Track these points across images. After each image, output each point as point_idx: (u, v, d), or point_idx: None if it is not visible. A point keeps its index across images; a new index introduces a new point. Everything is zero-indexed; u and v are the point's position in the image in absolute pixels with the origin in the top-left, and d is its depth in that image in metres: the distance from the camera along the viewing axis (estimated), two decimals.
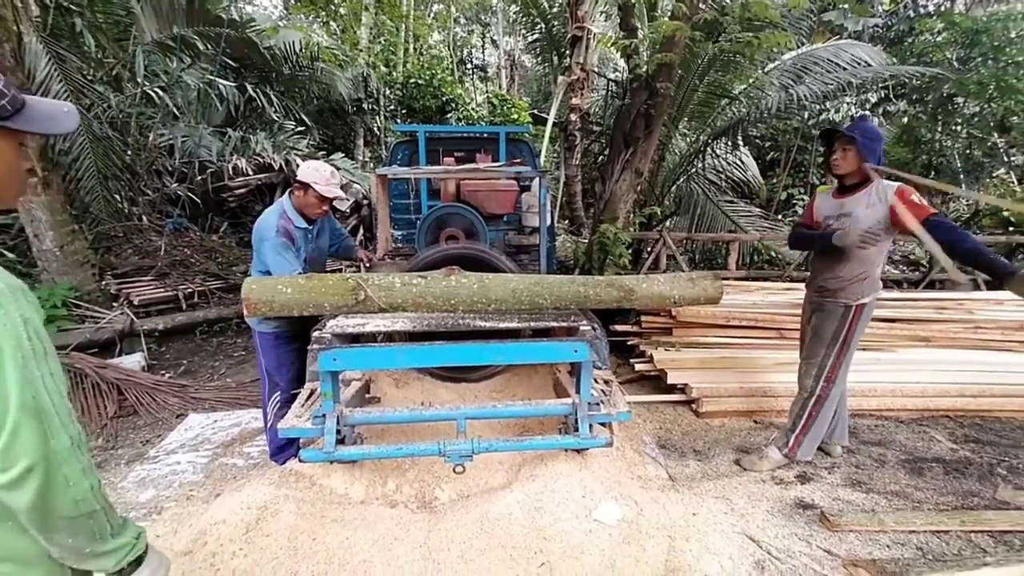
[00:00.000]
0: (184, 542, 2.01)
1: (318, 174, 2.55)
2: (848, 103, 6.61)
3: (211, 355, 4.79)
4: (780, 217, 7.49)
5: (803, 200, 6.55)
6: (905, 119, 7.82)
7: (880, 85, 7.01)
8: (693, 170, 6.67)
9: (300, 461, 2.25)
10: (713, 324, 3.92)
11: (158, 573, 1.02)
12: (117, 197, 5.88)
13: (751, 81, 5.76)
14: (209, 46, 6.60)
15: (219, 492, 2.52)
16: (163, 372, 4.32)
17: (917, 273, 6.08)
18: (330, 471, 2.42)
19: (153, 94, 6.00)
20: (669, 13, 4.65)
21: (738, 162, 6.81)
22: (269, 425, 2.77)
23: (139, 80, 5.86)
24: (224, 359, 4.71)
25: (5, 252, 4.90)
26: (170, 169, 6.66)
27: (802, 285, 3.17)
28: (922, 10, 8.30)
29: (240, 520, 2.03)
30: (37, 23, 4.97)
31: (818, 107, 5.95)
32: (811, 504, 2.50)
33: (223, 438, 3.21)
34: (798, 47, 5.60)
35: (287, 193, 2.68)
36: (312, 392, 2.51)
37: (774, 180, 8.29)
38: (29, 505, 0.81)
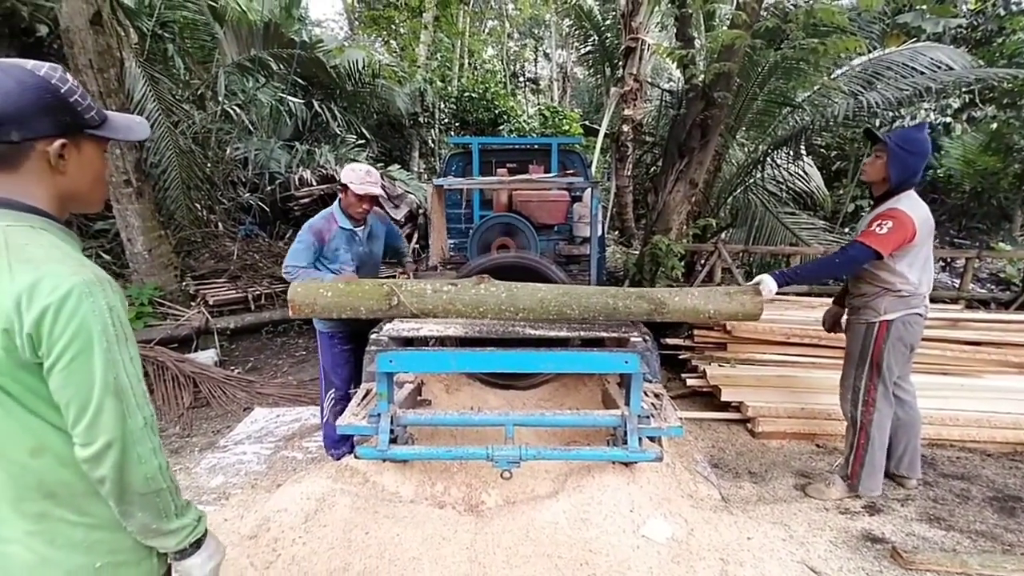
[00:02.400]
0: (249, 527, 2.15)
1: (354, 174, 2.64)
2: (926, 109, 6.16)
3: (275, 354, 5.09)
4: (847, 230, 7.06)
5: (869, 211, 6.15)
6: (994, 125, 7.20)
7: (964, 89, 6.49)
8: (751, 181, 6.43)
9: (356, 457, 2.35)
10: (772, 341, 3.75)
11: (214, 558, 1.04)
12: (197, 206, 6.41)
13: (816, 88, 5.51)
14: (282, 66, 7.10)
15: (280, 482, 2.67)
16: (233, 368, 4.63)
17: (1008, 292, 5.55)
18: (383, 469, 2.50)
19: (231, 111, 6.53)
20: (728, 22, 4.55)
21: (801, 172, 6.49)
22: (325, 421, 2.90)
23: (220, 99, 6.39)
24: (287, 358, 4.99)
25: (103, 254, 5.45)
26: (243, 180, 7.19)
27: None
28: (1014, 7, 7.65)
29: (300, 510, 2.15)
30: (136, 49, 5.54)
31: (891, 114, 5.59)
32: (881, 538, 2.33)
33: (284, 432, 3.40)
34: (869, 52, 5.30)
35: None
36: (368, 392, 2.62)
37: (840, 191, 7.84)
38: (107, 479, 0.87)
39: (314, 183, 7.41)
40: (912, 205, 2.29)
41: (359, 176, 2.64)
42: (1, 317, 0.80)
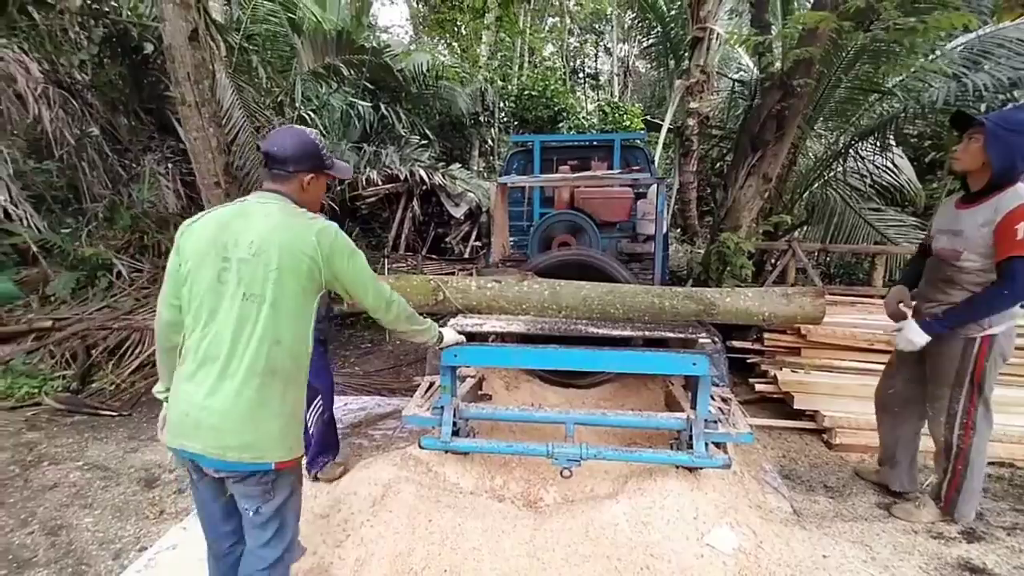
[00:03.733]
0: (323, 506, 2.29)
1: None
2: None
3: (343, 345, 5.37)
4: None
5: None
6: None
7: None
8: (831, 174, 5.97)
9: (420, 447, 2.43)
10: (852, 347, 3.48)
11: (451, 335, 2.12)
12: None
13: (911, 71, 5.01)
14: (352, 72, 7.45)
15: (349, 468, 2.81)
16: None
17: None
18: (444, 460, 2.58)
19: (306, 116, 6.93)
20: (810, 3, 4.25)
21: (889, 165, 5.94)
22: (309, 432, 2.56)
23: (296, 105, 6.81)
24: (353, 349, 5.25)
25: None
26: None
27: None
28: None
29: (368, 494, 2.26)
30: (225, 62, 6.01)
31: (1002, 97, 4.97)
32: (981, 568, 2.10)
33: (352, 420, 3.58)
34: (979, 27, 4.73)
35: None
36: (431, 385, 2.71)
37: (935, 184, 7.10)
38: (398, 315, 1.71)
39: (380, 183, 7.73)
40: None
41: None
42: (308, 246, 1.39)
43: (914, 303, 2.38)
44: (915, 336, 2.10)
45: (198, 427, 1.35)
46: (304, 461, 2.41)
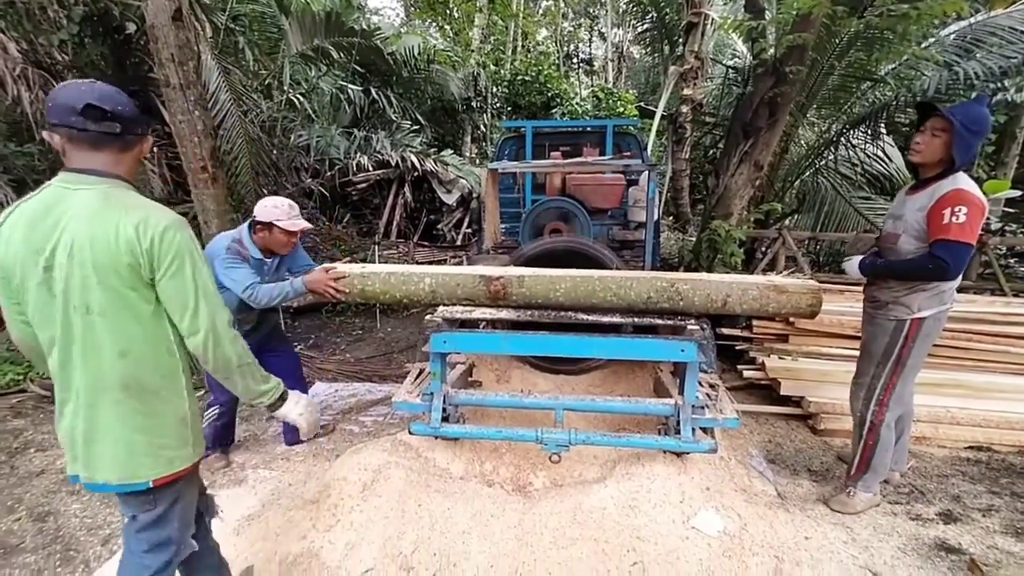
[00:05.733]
0: (312, 492, 2.29)
1: (278, 211, 2.43)
2: None
3: (334, 332, 5.35)
4: None
5: None
6: None
7: None
8: (822, 163, 5.99)
9: (410, 433, 2.44)
10: (839, 335, 3.52)
11: (300, 402, 1.50)
12: (265, 191, 6.77)
13: (903, 59, 5.00)
14: (342, 55, 7.31)
15: (339, 453, 2.83)
16: (296, 344, 4.91)
17: None
18: (434, 445, 2.59)
19: (295, 100, 6.81)
20: None
21: (880, 154, 5.96)
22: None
23: (285, 88, 6.68)
24: (344, 336, 5.24)
25: None
26: (306, 166, 7.52)
27: (956, 295, 2.72)
28: None
29: (358, 479, 2.26)
30: (211, 43, 5.87)
31: (993, 86, 4.98)
32: (957, 548, 2.16)
33: (342, 406, 3.58)
34: (972, 15, 4.72)
35: (247, 225, 2.53)
36: (421, 371, 2.71)
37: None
38: (211, 358, 1.29)
39: (370, 168, 7.65)
40: (972, 184, 2.03)
41: (284, 212, 2.44)
42: (125, 241, 1.17)
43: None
44: (851, 268, 2.26)
45: (73, 450, 1.28)
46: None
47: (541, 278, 2.28)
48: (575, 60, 19.35)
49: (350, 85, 7.58)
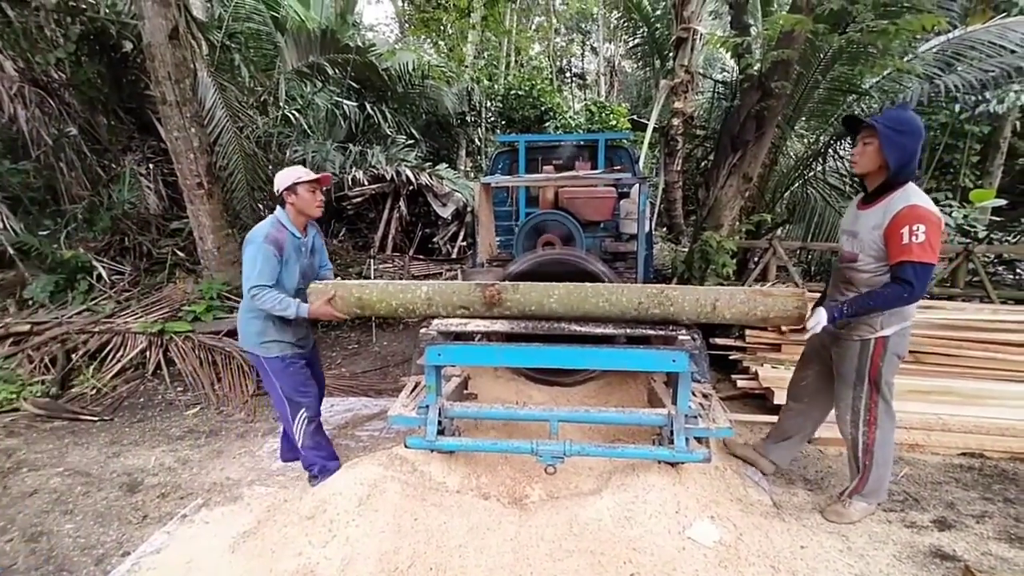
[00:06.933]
0: (308, 507, 2.28)
1: (296, 172, 2.52)
2: (1016, 91, 5.59)
3: (330, 346, 5.34)
4: None
5: (950, 206, 5.67)
6: None
7: None
8: (811, 174, 6.09)
9: (405, 447, 2.44)
10: None
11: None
12: (260, 206, 6.80)
13: (886, 73, 5.13)
14: (337, 71, 7.41)
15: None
16: None
17: None
18: (430, 459, 2.59)
19: (291, 115, 6.88)
20: (788, 6, 4.33)
21: None
22: (301, 444, 2.67)
23: (280, 104, 6.75)
24: (340, 350, 5.23)
25: (177, 251, 5.91)
26: None
27: (944, 302, 2.78)
28: None
29: (354, 494, 2.26)
30: (207, 60, 5.94)
31: (974, 98, 5.11)
32: (952, 555, 2.18)
33: (338, 421, 3.57)
34: (950, 30, 4.87)
35: (279, 207, 2.58)
36: (416, 385, 2.72)
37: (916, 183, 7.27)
38: None
39: (366, 183, 7.69)
40: (925, 199, 2.04)
41: (302, 171, 2.53)
42: None
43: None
44: (820, 318, 2.16)
45: None
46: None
47: (536, 285, 2.32)
48: (568, 74, 19.64)
49: (345, 101, 7.67)
